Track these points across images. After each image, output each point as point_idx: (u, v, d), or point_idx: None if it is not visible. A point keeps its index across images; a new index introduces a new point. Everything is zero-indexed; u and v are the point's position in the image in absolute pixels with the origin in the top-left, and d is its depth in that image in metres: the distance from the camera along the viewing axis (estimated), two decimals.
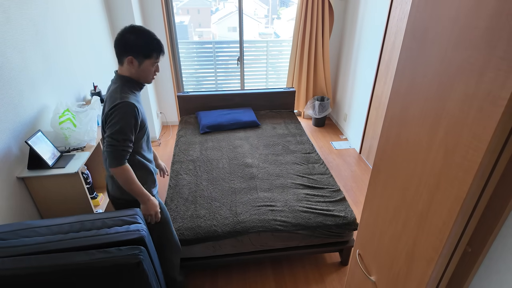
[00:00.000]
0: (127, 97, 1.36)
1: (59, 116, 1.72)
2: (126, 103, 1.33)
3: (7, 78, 1.54)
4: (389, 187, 1.01)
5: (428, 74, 0.79)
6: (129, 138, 1.36)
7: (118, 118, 1.32)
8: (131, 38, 1.33)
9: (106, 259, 1.12)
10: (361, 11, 3.45)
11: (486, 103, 0.61)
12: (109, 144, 1.33)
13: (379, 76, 3.09)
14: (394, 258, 1.01)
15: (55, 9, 2.05)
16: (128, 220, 1.30)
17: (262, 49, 4.30)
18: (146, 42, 1.36)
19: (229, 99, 3.49)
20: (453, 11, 0.70)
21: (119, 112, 1.32)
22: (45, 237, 1.18)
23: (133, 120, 1.35)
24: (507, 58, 0.56)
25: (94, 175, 2.02)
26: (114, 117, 1.32)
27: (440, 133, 0.75)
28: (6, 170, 1.49)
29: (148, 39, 1.36)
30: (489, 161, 0.64)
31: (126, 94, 1.36)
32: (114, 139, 1.32)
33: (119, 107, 1.32)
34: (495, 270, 0.77)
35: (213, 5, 10.47)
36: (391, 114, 0.98)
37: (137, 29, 1.35)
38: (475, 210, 0.72)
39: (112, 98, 1.36)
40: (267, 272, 2.17)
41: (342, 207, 2.08)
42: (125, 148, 1.35)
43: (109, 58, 3.09)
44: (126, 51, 1.35)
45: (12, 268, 1.05)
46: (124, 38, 1.33)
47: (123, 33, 1.34)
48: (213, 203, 2.11)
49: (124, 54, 1.35)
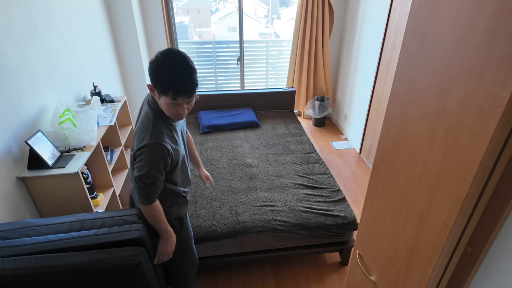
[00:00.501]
0: (157, 135, 1.22)
1: (59, 116, 1.72)
2: (154, 145, 1.20)
3: (7, 78, 1.54)
4: (389, 187, 1.01)
5: (428, 74, 0.79)
6: (157, 180, 1.25)
7: (145, 161, 1.20)
8: (152, 64, 1.15)
9: (106, 260, 1.12)
10: (361, 11, 3.45)
11: (486, 103, 0.61)
12: (137, 185, 1.24)
13: (379, 76, 3.09)
14: (394, 258, 1.01)
15: (55, 9, 2.05)
16: (128, 219, 1.30)
17: (262, 49, 4.30)
18: (162, 76, 1.14)
19: (229, 99, 3.49)
20: (453, 11, 0.70)
21: (146, 155, 1.20)
22: (45, 237, 1.18)
23: (161, 163, 1.23)
24: (507, 58, 0.56)
25: (94, 175, 2.02)
26: (141, 160, 1.21)
27: (440, 133, 0.75)
28: (6, 170, 1.49)
29: (166, 73, 1.13)
30: (489, 161, 0.64)
31: (157, 130, 1.22)
32: (142, 182, 1.22)
33: (147, 149, 1.19)
34: (495, 270, 0.77)
35: (213, 5, 10.48)
36: (391, 114, 0.98)
37: (164, 55, 1.14)
38: (475, 210, 0.72)
39: (142, 133, 1.23)
40: (267, 272, 2.17)
41: (342, 207, 2.08)
42: (154, 189, 1.26)
43: (109, 58, 3.09)
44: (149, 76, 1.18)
45: (13, 268, 1.06)
46: (151, 60, 1.16)
47: (156, 53, 1.16)
48: (213, 203, 2.11)
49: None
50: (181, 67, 1.15)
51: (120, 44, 3.31)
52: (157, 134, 1.22)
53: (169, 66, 1.14)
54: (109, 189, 2.08)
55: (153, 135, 1.21)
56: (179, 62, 1.15)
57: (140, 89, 3.60)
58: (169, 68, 1.13)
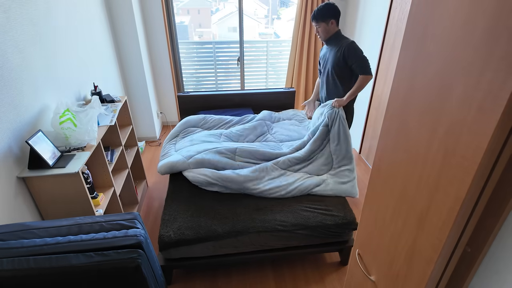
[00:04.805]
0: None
1: (59, 116, 1.72)
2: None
3: (7, 78, 1.54)
4: (389, 187, 1.02)
5: (428, 74, 0.79)
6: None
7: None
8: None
9: (104, 262, 1.11)
10: (361, 11, 3.45)
11: (486, 103, 0.61)
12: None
13: (379, 76, 3.09)
14: (393, 257, 1.01)
15: (55, 9, 2.05)
16: (126, 224, 1.29)
17: (262, 49, 4.30)
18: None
19: (229, 99, 3.49)
20: (453, 11, 0.70)
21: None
22: (42, 239, 1.18)
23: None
24: (507, 58, 0.56)
25: (95, 175, 2.02)
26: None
27: (440, 133, 0.75)
28: (6, 170, 1.49)
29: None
30: (489, 161, 0.64)
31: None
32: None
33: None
34: (494, 270, 0.77)
35: (213, 5, 10.47)
36: (391, 114, 0.98)
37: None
38: (474, 210, 0.72)
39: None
40: (267, 272, 2.17)
41: (341, 206, 2.08)
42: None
43: (110, 58, 3.09)
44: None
45: (11, 269, 1.05)
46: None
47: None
48: (214, 202, 2.11)
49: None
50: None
51: (121, 44, 3.31)
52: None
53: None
54: (109, 189, 2.08)
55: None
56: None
57: (140, 89, 3.60)
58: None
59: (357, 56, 2.27)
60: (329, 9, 2.29)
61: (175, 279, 2.12)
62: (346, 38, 2.34)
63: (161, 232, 1.86)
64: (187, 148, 2.53)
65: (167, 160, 2.37)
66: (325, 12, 2.29)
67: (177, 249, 1.87)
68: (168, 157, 2.47)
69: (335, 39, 2.38)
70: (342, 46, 2.30)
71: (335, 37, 2.38)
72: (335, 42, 2.38)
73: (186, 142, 2.66)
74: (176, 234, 1.84)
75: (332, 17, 2.30)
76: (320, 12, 2.30)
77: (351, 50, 2.27)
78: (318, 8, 2.31)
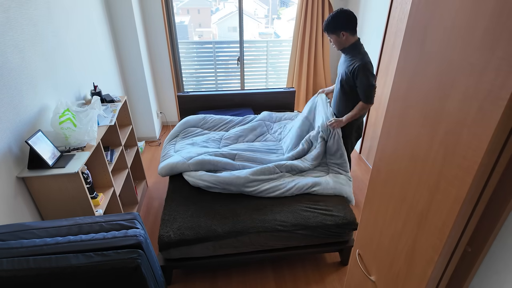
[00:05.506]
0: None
1: (59, 116, 1.72)
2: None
3: (7, 78, 1.54)
4: (389, 187, 1.02)
5: (428, 74, 0.79)
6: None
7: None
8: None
9: (104, 263, 1.11)
10: (361, 11, 3.45)
11: (486, 103, 0.61)
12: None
13: (379, 77, 3.09)
14: (394, 258, 1.01)
15: (55, 9, 2.05)
16: (126, 224, 1.29)
17: (262, 49, 4.30)
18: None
19: (229, 99, 3.49)
20: (453, 11, 0.70)
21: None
22: (42, 240, 1.18)
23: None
24: (507, 58, 0.56)
25: (94, 175, 2.02)
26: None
27: (440, 133, 0.75)
28: (6, 170, 1.49)
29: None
30: (489, 161, 0.64)
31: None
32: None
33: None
34: (495, 270, 0.77)
35: (213, 5, 10.48)
36: (391, 114, 0.98)
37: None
38: (475, 210, 0.72)
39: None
40: (267, 272, 2.17)
41: (341, 207, 2.08)
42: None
43: (109, 58, 3.09)
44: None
45: (11, 269, 1.05)
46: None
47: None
48: (213, 202, 2.10)
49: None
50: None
51: (120, 44, 3.31)
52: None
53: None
54: (109, 189, 2.08)
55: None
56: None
57: (140, 89, 3.60)
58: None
59: (366, 83, 2.10)
60: (338, 19, 2.08)
61: (175, 279, 2.12)
62: (361, 54, 2.12)
63: (161, 232, 1.86)
64: (187, 149, 2.54)
65: (167, 162, 2.37)
66: (333, 23, 2.10)
67: (177, 249, 1.87)
68: (168, 158, 2.47)
69: (350, 50, 2.18)
70: (355, 64, 2.10)
71: (351, 49, 2.17)
72: (350, 54, 2.18)
73: (187, 144, 2.67)
74: (176, 234, 1.84)
75: (342, 28, 2.09)
76: (328, 23, 2.12)
77: (361, 74, 2.08)
78: (328, 17, 2.12)
